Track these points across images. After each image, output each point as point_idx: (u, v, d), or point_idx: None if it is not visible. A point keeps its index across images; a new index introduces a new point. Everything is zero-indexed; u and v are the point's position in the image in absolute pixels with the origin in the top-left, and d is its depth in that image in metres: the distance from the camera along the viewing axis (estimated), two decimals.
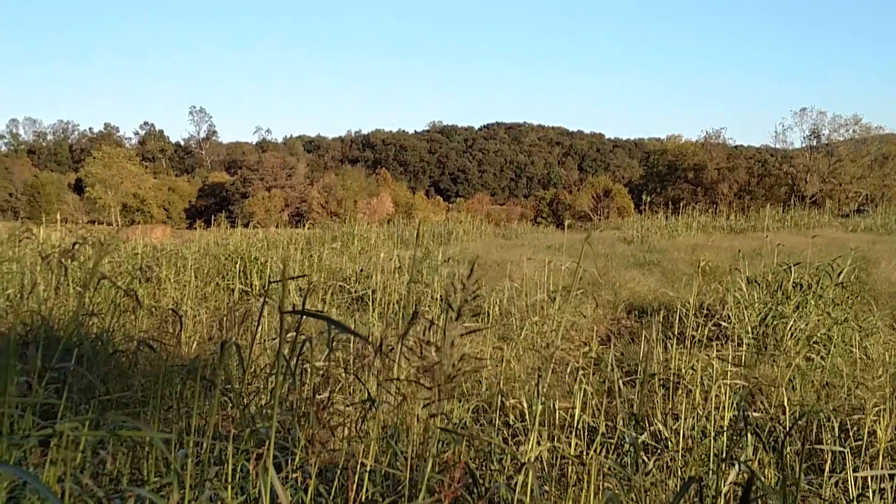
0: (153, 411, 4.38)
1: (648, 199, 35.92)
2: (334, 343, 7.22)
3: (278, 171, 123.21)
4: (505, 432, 5.87)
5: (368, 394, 4.33)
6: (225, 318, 7.86)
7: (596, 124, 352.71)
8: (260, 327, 6.94)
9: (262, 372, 6.11)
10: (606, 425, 5.53)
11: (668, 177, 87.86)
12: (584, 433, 5.24)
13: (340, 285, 10.23)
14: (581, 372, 6.91)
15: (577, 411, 5.25)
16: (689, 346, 7.58)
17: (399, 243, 22.73)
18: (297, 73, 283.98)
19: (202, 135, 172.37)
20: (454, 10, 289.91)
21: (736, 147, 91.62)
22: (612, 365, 6.40)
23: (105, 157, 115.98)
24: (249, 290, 10.43)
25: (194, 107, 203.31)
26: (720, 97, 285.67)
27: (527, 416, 5.38)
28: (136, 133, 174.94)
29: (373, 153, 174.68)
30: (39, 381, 4.15)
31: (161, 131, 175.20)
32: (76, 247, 5.26)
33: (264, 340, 6.79)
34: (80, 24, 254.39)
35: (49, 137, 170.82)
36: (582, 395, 5.61)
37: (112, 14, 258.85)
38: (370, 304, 8.90)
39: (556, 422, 5.61)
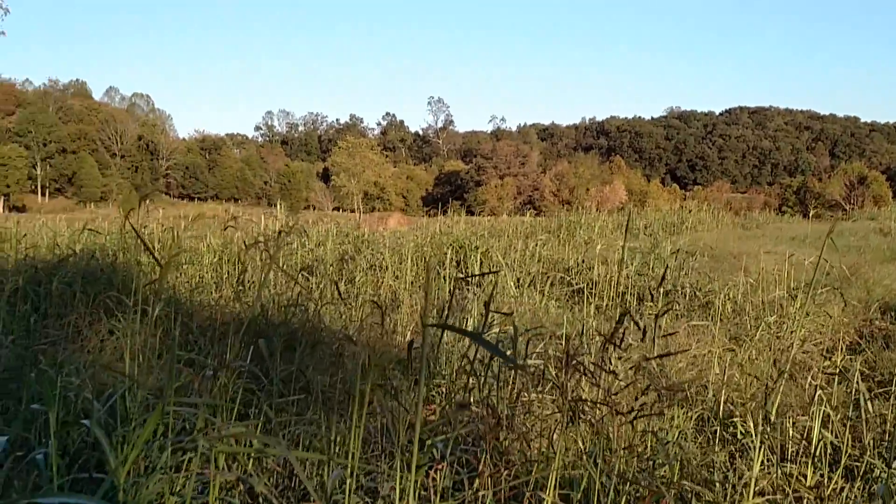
0: (347, 407, 4.23)
1: None
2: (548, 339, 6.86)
3: (511, 159, 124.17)
4: (733, 447, 5.29)
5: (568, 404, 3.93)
6: (426, 312, 7.70)
7: (850, 107, 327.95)
8: (469, 318, 6.70)
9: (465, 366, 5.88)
10: (854, 447, 4.82)
11: None
12: (824, 456, 4.56)
13: (560, 276, 9.84)
14: (823, 381, 6.15)
15: (815, 430, 4.60)
16: None
17: (634, 236, 22.00)
18: (532, 61, 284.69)
19: (439, 124, 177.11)
20: None
21: None
22: (857, 375, 5.61)
23: (349, 147, 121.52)
24: (469, 279, 10.28)
25: (432, 97, 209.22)
26: None
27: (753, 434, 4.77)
28: (379, 124, 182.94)
29: (607, 140, 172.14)
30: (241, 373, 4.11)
31: (401, 121, 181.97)
32: (281, 236, 5.20)
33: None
34: (330, 23, 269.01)
35: (300, 129, 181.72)
36: (823, 409, 4.94)
37: (358, 13, 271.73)
38: (587, 296, 8.48)
39: (790, 441, 4.96)
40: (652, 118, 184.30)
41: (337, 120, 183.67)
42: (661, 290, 8.91)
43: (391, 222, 45.99)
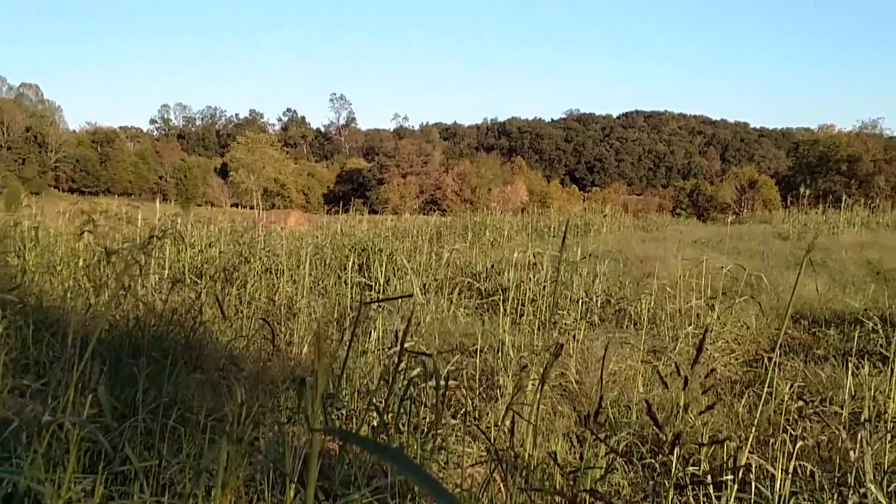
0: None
1: (807, 191, 33.13)
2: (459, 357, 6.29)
3: (414, 158, 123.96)
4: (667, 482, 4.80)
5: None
6: (329, 326, 7.05)
7: (740, 113, 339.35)
8: (375, 333, 6.06)
9: (374, 386, 5.26)
10: (795, 480, 4.38)
11: (818, 168, 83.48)
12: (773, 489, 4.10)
13: (469, 282, 9.29)
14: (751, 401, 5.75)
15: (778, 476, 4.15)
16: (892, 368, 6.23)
17: (534, 234, 21.65)
18: (435, 61, 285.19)
19: (342, 121, 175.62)
20: None
21: (893, 138, 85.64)
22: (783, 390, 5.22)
23: (248, 143, 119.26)
24: (372, 284, 9.63)
25: (335, 94, 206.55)
26: (877, 85, 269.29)
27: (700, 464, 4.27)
28: (280, 119, 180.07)
29: (508, 141, 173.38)
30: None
31: (303, 118, 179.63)
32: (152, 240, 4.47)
33: (377, 349, 5.91)
34: (230, 15, 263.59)
35: (198, 123, 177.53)
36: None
37: (259, 5, 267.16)
38: (501, 305, 7.95)
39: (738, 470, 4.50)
40: (552, 120, 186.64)
41: (236, 115, 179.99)
42: (574, 298, 8.46)
43: (291, 220, 44.82)
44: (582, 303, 8.31)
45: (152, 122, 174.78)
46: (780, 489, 4.13)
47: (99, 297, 6.53)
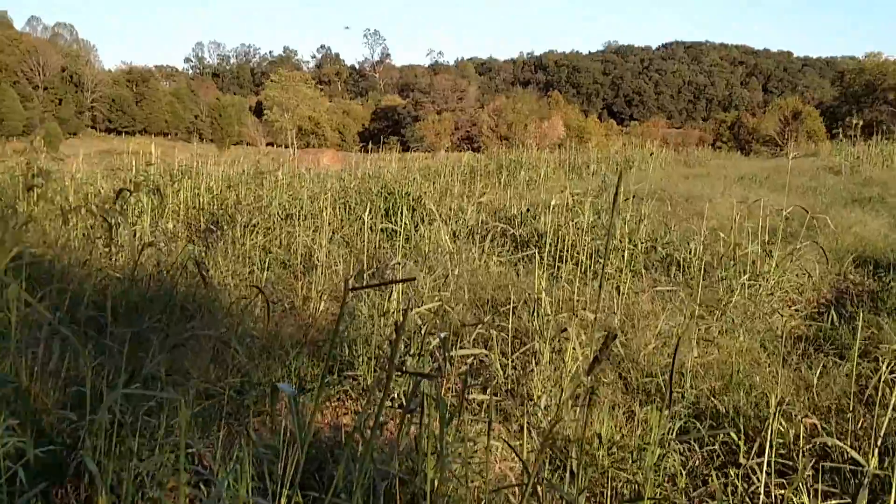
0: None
1: (858, 121, 31.61)
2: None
3: (449, 94, 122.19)
4: (728, 455, 4.18)
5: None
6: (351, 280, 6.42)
7: (783, 42, 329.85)
8: (395, 293, 5.44)
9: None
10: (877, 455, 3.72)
11: (864, 98, 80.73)
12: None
13: (503, 228, 8.60)
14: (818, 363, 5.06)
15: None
16: None
17: (572, 173, 20.83)
18: None
19: (376, 58, 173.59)
20: None
21: None
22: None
23: (283, 81, 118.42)
24: (398, 230, 9.00)
25: (368, 30, 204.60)
26: None
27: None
28: (314, 57, 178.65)
29: (545, 75, 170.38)
30: None
31: (337, 55, 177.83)
32: (120, 196, 3.86)
33: (400, 306, 5.29)
34: None
35: (232, 61, 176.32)
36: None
37: None
38: (537, 254, 7.28)
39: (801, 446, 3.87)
40: (590, 53, 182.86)
41: (270, 52, 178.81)
42: (617, 244, 7.75)
43: (324, 159, 44.14)
44: (625, 249, 7.60)
45: (187, 60, 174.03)
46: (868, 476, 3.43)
47: (93, 251, 5.98)
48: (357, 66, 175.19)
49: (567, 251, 7.81)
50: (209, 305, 5.87)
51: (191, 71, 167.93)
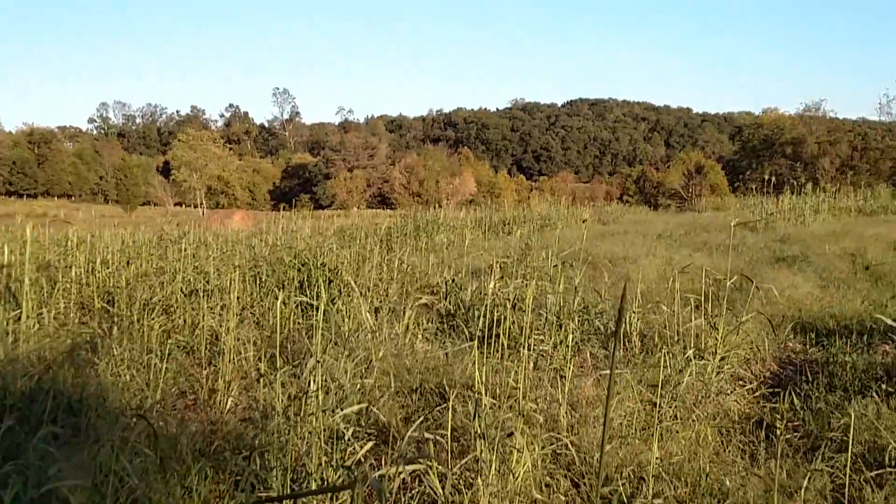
0: None
1: (770, 176, 32.16)
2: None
3: (360, 151, 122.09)
4: None
5: None
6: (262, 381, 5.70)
7: (683, 99, 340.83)
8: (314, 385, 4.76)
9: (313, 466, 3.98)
10: None
11: (763, 152, 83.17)
12: None
13: (423, 300, 7.98)
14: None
15: None
16: None
17: (489, 232, 20.44)
18: (379, 52, 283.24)
19: (286, 116, 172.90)
20: None
21: (836, 120, 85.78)
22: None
23: (190, 140, 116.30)
24: (313, 302, 8.30)
25: (277, 88, 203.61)
26: (818, 67, 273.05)
27: None
28: (222, 115, 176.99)
29: (454, 132, 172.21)
30: None
31: (246, 113, 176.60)
32: None
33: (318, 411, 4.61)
34: (168, 6, 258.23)
35: (138, 121, 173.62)
36: None
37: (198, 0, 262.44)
38: (467, 330, 6.69)
39: None
40: (497, 109, 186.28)
41: (178, 112, 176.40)
42: (554, 315, 7.21)
43: (235, 220, 42.98)
44: (556, 322, 7.05)
45: (91, 121, 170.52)
46: None
47: None
48: (266, 125, 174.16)
49: (497, 325, 7.25)
50: (98, 407, 5.09)
51: (95, 131, 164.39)
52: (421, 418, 4.61)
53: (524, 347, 5.73)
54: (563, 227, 22.33)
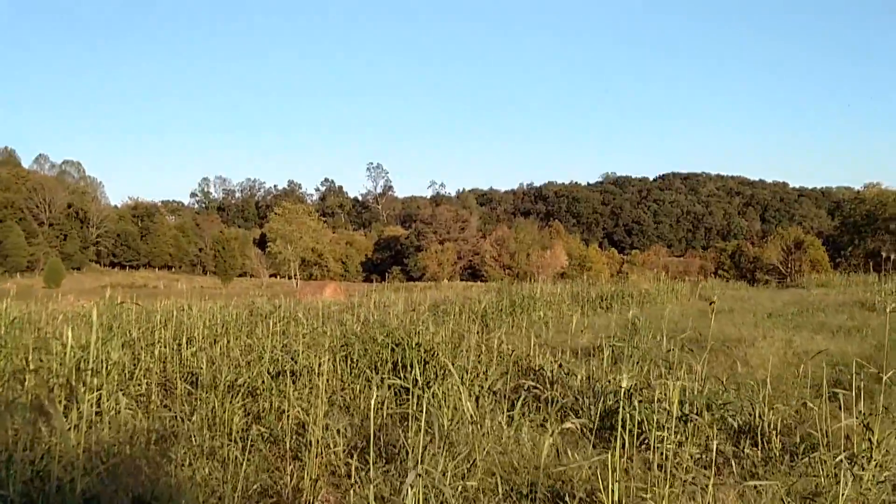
0: None
1: (890, 254, 30.39)
2: None
3: (451, 224, 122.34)
4: None
5: None
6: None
7: (778, 173, 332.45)
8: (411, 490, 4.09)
9: None
10: None
11: (865, 228, 79.96)
12: None
13: (532, 388, 7.22)
14: None
15: None
16: None
17: (586, 306, 19.54)
18: (471, 127, 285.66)
19: (379, 190, 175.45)
20: (634, 59, 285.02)
21: None
22: None
23: (286, 213, 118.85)
24: (408, 386, 7.64)
25: (371, 163, 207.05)
26: None
27: None
28: (317, 189, 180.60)
29: (545, 205, 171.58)
30: None
31: (340, 187, 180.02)
32: None
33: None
34: (268, 89, 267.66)
35: (237, 195, 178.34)
36: None
37: (296, 78, 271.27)
38: (577, 421, 5.90)
39: None
40: (588, 183, 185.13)
41: (275, 186, 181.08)
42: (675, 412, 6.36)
43: (327, 292, 43.07)
44: (685, 420, 6.20)
45: (192, 195, 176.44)
46: None
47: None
48: (360, 198, 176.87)
49: (609, 417, 6.44)
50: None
51: (196, 205, 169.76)
52: None
53: (652, 448, 4.94)
54: (665, 302, 21.32)
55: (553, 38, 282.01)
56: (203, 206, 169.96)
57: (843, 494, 4.82)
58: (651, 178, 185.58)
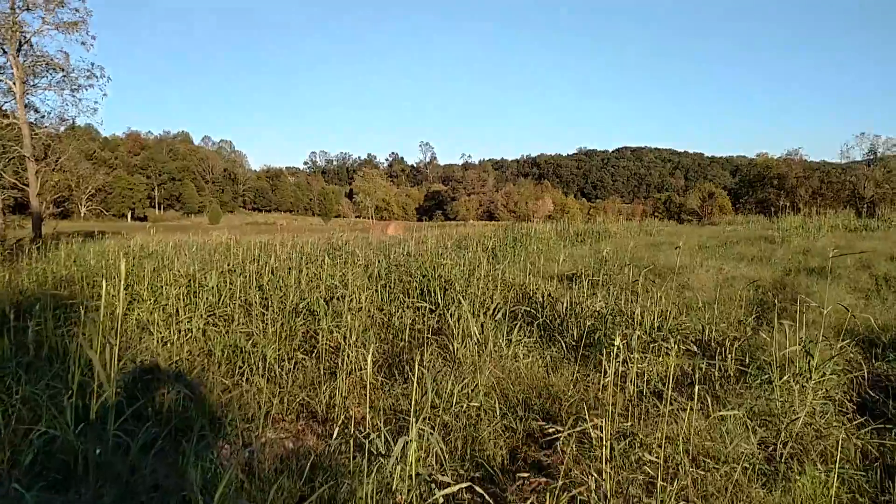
0: None
1: (786, 202, 28.57)
2: None
3: (475, 182, 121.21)
4: None
5: None
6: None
7: (697, 145, 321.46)
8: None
9: None
10: None
11: (756, 184, 77.05)
12: None
13: (527, 311, 6.05)
14: None
15: None
16: None
17: (570, 241, 18.16)
18: (489, 115, 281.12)
19: (427, 159, 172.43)
20: (613, 47, 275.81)
21: (809, 161, 79.36)
22: None
23: (366, 175, 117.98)
24: (433, 308, 6.50)
25: (422, 141, 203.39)
26: (798, 120, 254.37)
27: None
28: (387, 159, 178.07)
29: (538, 170, 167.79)
30: None
31: (402, 158, 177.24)
32: None
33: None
34: (354, 87, 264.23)
35: (334, 163, 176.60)
36: None
37: (376, 81, 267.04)
38: (563, 340, 4.76)
39: None
40: (567, 154, 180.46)
41: (359, 157, 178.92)
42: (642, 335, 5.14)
43: (391, 229, 41.98)
44: (654, 340, 4.99)
45: (304, 163, 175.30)
46: None
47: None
48: (415, 165, 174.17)
49: (588, 336, 5.26)
50: (228, 420, 3.44)
51: (307, 169, 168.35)
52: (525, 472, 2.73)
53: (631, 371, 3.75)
54: (624, 237, 19.87)
55: (547, 41, 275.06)
56: (311, 170, 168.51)
57: (801, 417, 3.62)
58: (610, 150, 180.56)
